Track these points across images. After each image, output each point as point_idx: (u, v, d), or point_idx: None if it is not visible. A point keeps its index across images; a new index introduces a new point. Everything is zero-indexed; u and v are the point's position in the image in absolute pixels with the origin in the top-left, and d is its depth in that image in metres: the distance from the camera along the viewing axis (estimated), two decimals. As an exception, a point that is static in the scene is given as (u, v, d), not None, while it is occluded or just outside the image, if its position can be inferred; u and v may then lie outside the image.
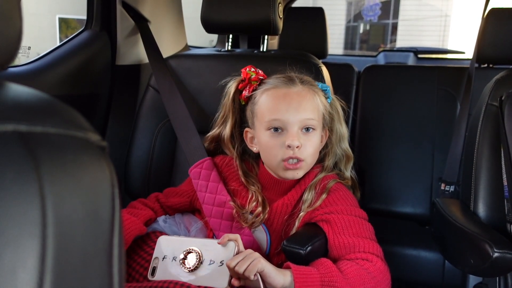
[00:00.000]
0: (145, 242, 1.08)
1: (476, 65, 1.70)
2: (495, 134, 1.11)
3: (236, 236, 0.92)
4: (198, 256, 0.92)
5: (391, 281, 0.95)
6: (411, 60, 3.55)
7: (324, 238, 1.00)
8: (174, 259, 0.95)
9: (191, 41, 2.04)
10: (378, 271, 0.92)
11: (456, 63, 2.84)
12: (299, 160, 1.01)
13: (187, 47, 1.94)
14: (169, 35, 1.77)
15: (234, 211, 1.08)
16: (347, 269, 0.90)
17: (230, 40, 1.50)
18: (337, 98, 1.14)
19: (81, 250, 0.30)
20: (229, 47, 1.49)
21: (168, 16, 1.76)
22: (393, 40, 12.21)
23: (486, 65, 1.74)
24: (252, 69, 1.09)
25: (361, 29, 12.75)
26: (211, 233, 1.11)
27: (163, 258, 0.97)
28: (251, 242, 1.06)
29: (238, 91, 1.12)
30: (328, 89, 1.10)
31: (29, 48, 1.59)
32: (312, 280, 0.87)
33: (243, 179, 1.10)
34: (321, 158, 1.12)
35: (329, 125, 1.10)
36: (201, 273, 0.91)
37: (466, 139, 1.37)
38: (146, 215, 1.11)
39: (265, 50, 1.44)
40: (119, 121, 1.62)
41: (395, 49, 5.33)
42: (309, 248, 0.95)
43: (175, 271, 0.93)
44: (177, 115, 1.31)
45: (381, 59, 3.63)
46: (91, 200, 0.32)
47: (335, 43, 11.10)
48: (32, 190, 0.28)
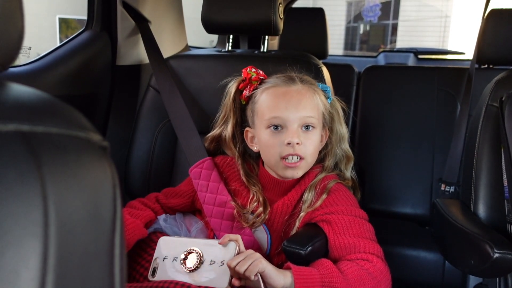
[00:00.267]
0: (146, 243, 1.07)
1: (476, 66, 1.70)
2: (495, 135, 1.11)
3: (237, 237, 0.93)
4: (199, 256, 0.92)
5: (391, 282, 0.95)
6: (411, 61, 3.54)
7: (325, 239, 1.00)
8: (175, 260, 0.95)
9: (192, 42, 2.04)
10: (379, 272, 0.92)
11: (456, 64, 2.84)
12: (300, 158, 1.02)
13: (188, 48, 1.94)
14: (170, 36, 1.77)
15: (235, 211, 1.08)
16: (348, 270, 0.90)
17: (231, 41, 1.50)
18: (338, 99, 1.14)
19: (83, 250, 0.30)
20: (230, 48, 1.49)
21: (169, 17, 1.76)
22: (393, 41, 12.21)
23: (486, 66, 1.74)
24: (253, 70, 1.10)
25: (361, 30, 12.75)
26: (212, 233, 1.11)
27: (164, 259, 0.96)
28: (252, 242, 1.06)
29: (239, 91, 1.12)
30: (329, 90, 1.11)
31: (30, 48, 1.59)
32: (313, 281, 0.87)
33: (244, 179, 1.10)
34: (321, 158, 1.12)
35: (329, 125, 1.11)
36: (202, 273, 0.91)
37: (466, 140, 1.37)
38: (147, 217, 1.10)
39: (266, 51, 1.44)
40: (120, 121, 1.62)
41: (395, 50, 5.33)
42: (310, 249, 0.95)
43: (176, 272, 0.93)
44: (178, 115, 1.31)
45: (381, 60, 3.63)
46: (93, 200, 0.32)
47: (335, 44, 11.10)
48: (34, 190, 0.28)
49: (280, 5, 1.35)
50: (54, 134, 0.31)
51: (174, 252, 0.96)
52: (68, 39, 1.50)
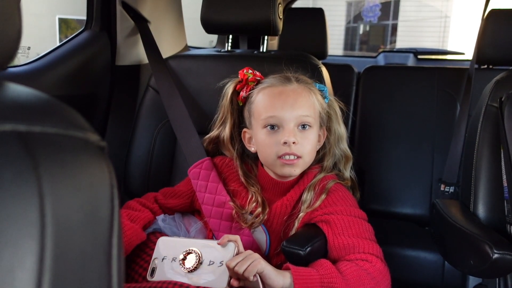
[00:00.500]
0: (144, 243, 1.07)
1: (476, 66, 1.70)
2: (495, 135, 1.11)
3: (236, 237, 0.92)
4: (198, 257, 0.92)
5: (391, 282, 0.95)
6: (411, 61, 3.54)
7: (324, 239, 1.00)
8: (174, 260, 0.95)
9: (191, 42, 2.04)
10: (378, 272, 0.92)
11: (456, 64, 2.84)
12: (297, 157, 1.02)
13: (187, 48, 1.94)
14: (169, 36, 1.77)
15: (234, 212, 1.07)
16: (347, 270, 0.90)
17: (230, 41, 1.50)
18: (336, 99, 1.14)
19: (80, 250, 0.30)
20: (229, 48, 1.49)
21: (168, 17, 1.76)
22: (393, 41, 12.20)
23: (486, 66, 1.74)
24: (250, 71, 1.11)
25: (361, 30, 12.75)
26: (211, 234, 1.11)
27: (163, 259, 0.96)
28: (251, 243, 1.06)
29: (236, 92, 1.12)
30: (326, 90, 1.11)
31: (29, 48, 1.59)
32: (312, 282, 0.87)
33: (243, 180, 1.10)
34: (320, 159, 1.12)
35: (327, 125, 1.10)
36: (201, 274, 0.91)
37: (466, 140, 1.37)
38: (146, 218, 1.09)
39: (265, 51, 1.44)
40: (119, 122, 1.61)
41: (395, 50, 5.33)
42: (309, 249, 0.95)
43: (175, 272, 0.93)
44: (177, 116, 1.31)
45: (381, 60, 3.63)
46: (90, 200, 0.32)
47: (335, 44, 11.10)
48: (31, 190, 0.28)
49: (280, 5, 1.35)
50: (52, 134, 0.31)
51: (173, 253, 0.96)
52: (67, 39, 1.50)
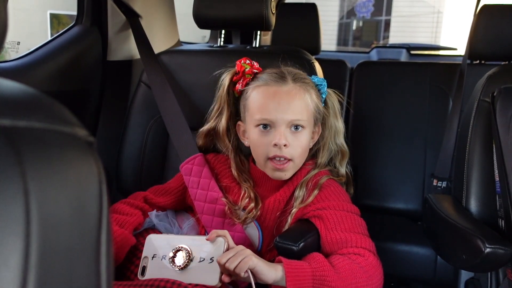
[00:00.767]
0: (139, 241, 1.06)
1: (468, 62, 1.71)
2: (487, 130, 1.11)
3: (225, 232, 0.92)
4: (188, 254, 0.91)
5: (383, 277, 0.95)
6: (404, 57, 3.55)
7: (317, 234, 1.00)
8: (164, 258, 0.94)
9: (184, 37, 2.03)
10: (370, 266, 0.92)
11: (449, 60, 2.84)
12: (287, 160, 1.01)
13: (179, 43, 1.92)
14: (161, 31, 1.75)
15: (226, 208, 1.07)
16: (339, 264, 0.90)
17: (223, 36, 1.49)
18: (335, 92, 1.13)
19: (67, 248, 0.30)
20: (222, 43, 1.48)
21: (160, 12, 1.75)
22: (386, 37, 12.21)
23: (478, 62, 1.74)
24: (247, 61, 1.08)
25: (354, 26, 12.75)
26: (203, 230, 1.11)
27: (153, 257, 0.95)
28: (243, 239, 1.06)
29: (233, 83, 1.11)
30: (324, 84, 1.09)
31: (19, 43, 1.57)
32: (304, 275, 0.87)
33: (236, 174, 1.09)
34: (314, 154, 1.12)
35: (323, 121, 1.10)
36: (192, 271, 0.90)
37: (458, 135, 1.37)
38: (135, 222, 1.06)
39: (258, 46, 1.44)
40: (111, 118, 1.60)
41: (388, 46, 5.33)
42: (302, 245, 0.95)
43: (165, 270, 0.92)
44: (169, 111, 1.30)
45: (374, 56, 3.63)
46: (78, 196, 0.31)
47: (328, 40, 11.09)
48: (15, 186, 0.27)
49: (273, 0, 1.34)
50: (37, 129, 0.30)
51: (163, 251, 0.95)
52: (58, 34, 1.48)
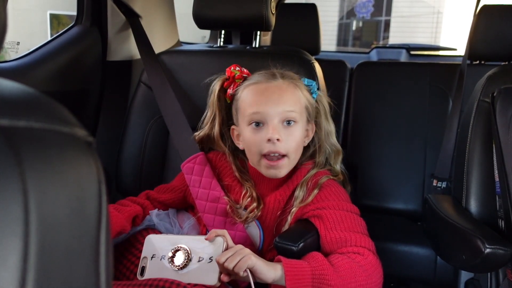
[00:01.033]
0: (136, 239, 1.07)
1: (468, 62, 1.71)
2: (487, 131, 1.11)
3: (224, 232, 0.92)
4: (187, 254, 0.91)
5: (383, 277, 0.95)
6: (404, 57, 3.54)
7: (316, 234, 1.00)
8: (163, 258, 0.94)
9: (183, 37, 2.03)
10: (370, 265, 0.92)
11: (448, 60, 2.85)
12: (282, 156, 1.01)
13: (179, 43, 1.93)
14: (161, 31, 1.75)
15: (228, 207, 1.07)
16: (338, 263, 0.90)
17: (223, 36, 1.49)
18: (324, 95, 1.14)
19: (66, 248, 0.30)
20: (222, 43, 1.48)
21: (160, 12, 1.75)
22: (386, 37, 12.21)
23: (478, 62, 1.74)
24: (237, 68, 1.10)
25: (354, 26, 12.75)
26: (204, 229, 1.11)
27: (152, 257, 0.95)
28: (244, 238, 1.06)
29: (224, 90, 1.12)
30: (314, 85, 1.10)
31: (18, 44, 1.57)
32: (303, 274, 0.87)
33: (238, 175, 1.10)
34: (312, 154, 1.12)
35: (315, 119, 1.10)
36: (191, 271, 0.90)
37: (458, 136, 1.37)
38: (131, 211, 1.08)
39: (258, 46, 1.44)
40: (111, 118, 1.60)
41: (388, 46, 5.33)
42: (302, 245, 0.95)
43: (164, 270, 0.92)
44: (170, 111, 1.31)
45: (374, 56, 3.62)
46: (77, 196, 0.31)
47: (328, 40, 11.10)
48: (14, 186, 0.27)
49: (272, 1, 1.34)
50: (37, 129, 0.30)
51: (162, 251, 0.95)
52: (58, 34, 1.48)
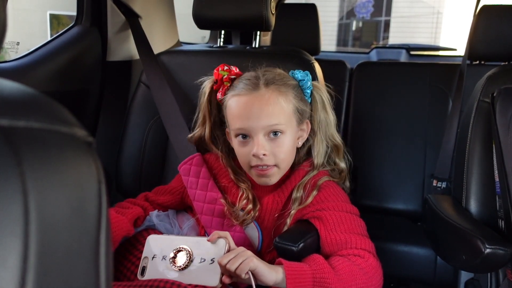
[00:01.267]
0: (137, 239, 1.07)
1: (468, 62, 1.71)
2: (487, 131, 1.11)
3: (226, 233, 0.92)
4: (188, 255, 0.91)
5: (383, 277, 0.95)
6: (404, 57, 3.54)
7: (316, 235, 1.00)
8: (164, 258, 0.93)
9: (183, 38, 2.03)
10: (370, 267, 0.92)
11: (448, 60, 2.84)
12: (271, 166, 1.00)
13: (179, 43, 1.92)
14: (161, 31, 1.75)
15: (226, 209, 1.07)
16: (339, 265, 0.90)
17: (222, 36, 1.49)
18: (322, 86, 1.09)
19: (66, 248, 0.30)
20: (221, 43, 1.48)
21: (160, 12, 1.75)
22: (386, 37, 12.21)
23: (478, 62, 1.75)
24: (225, 68, 1.06)
25: (354, 26, 12.75)
26: (203, 231, 1.11)
27: (153, 258, 0.95)
28: (243, 239, 1.06)
29: (214, 92, 1.10)
30: (307, 78, 1.05)
31: (18, 44, 1.57)
32: (304, 277, 0.87)
33: (233, 177, 1.09)
34: (309, 152, 1.10)
35: (311, 118, 1.07)
36: (192, 272, 0.90)
37: (458, 136, 1.37)
38: (134, 213, 1.08)
39: (258, 46, 1.44)
40: (110, 118, 1.60)
41: (388, 46, 5.33)
42: (302, 245, 0.95)
43: (165, 270, 0.92)
44: (167, 111, 1.30)
45: (374, 56, 3.62)
46: (77, 197, 0.31)
47: (328, 40, 11.10)
48: (14, 186, 0.27)
49: (272, 1, 1.34)
50: (36, 129, 0.30)
51: (163, 251, 0.94)
52: (58, 34, 1.48)
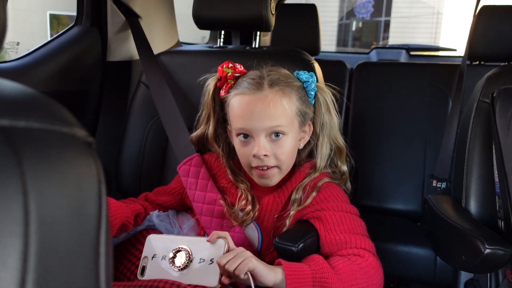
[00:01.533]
0: (137, 239, 1.07)
1: (468, 62, 1.71)
2: (487, 131, 1.11)
3: (226, 234, 0.92)
4: (188, 255, 0.91)
5: (383, 277, 0.95)
6: (403, 57, 3.55)
7: (316, 235, 1.00)
8: (164, 258, 0.94)
9: (183, 38, 2.03)
10: (370, 266, 0.92)
11: (448, 60, 2.85)
12: (271, 167, 1.00)
13: (179, 43, 1.92)
14: (161, 31, 1.75)
15: (225, 209, 1.07)
16: (339, 265, 0.90)
17: (222, 36, 1.49)
18: (326, 87, 1.09)
19: (66, 248, 0.30)
20: (221, 44, 1.48)
21: (160, 12, 1.75)
22: (386, 38, 12.22)
23: (478, 62, 1.75)
24: (230, 65, 1.05)
25: (354, 27, 12.76)
26: (202, 231, 1.11)
27: (153, 257, 0.95)
28: (243, 240, 1.06)
29: (218, 89, 1.09)
30: (311, 80, 1.04)
31: (18, 44, 1.57)
32: (304, 277, 0.87)
33: (232, 178, 1.09)
34: (310, 154, 1.10)
35: (314, 120, 1.07)
36: (191, 272, 0.90)
37: (458, 136, 1.37)
38: (135, 208, 1.08)
39: (258, 47, 1.44)
40: (110, 118, 1.60)
41: (388, 46, 5.34)
42: (301, 245, 0.95)
43: (165, 271, 0.92)
44: (167, 112, 1.30)
45: (374, 56, 3.62)
46: (77, 197, 0.31)
47: (328, 40, 11.11)
48: (14, 187, 0.27)
49: (272, 1, 1.34)
50: (36, 129, 0.30)
51: (163, 251, 0.95)
52: (58, 34, 1.48)
